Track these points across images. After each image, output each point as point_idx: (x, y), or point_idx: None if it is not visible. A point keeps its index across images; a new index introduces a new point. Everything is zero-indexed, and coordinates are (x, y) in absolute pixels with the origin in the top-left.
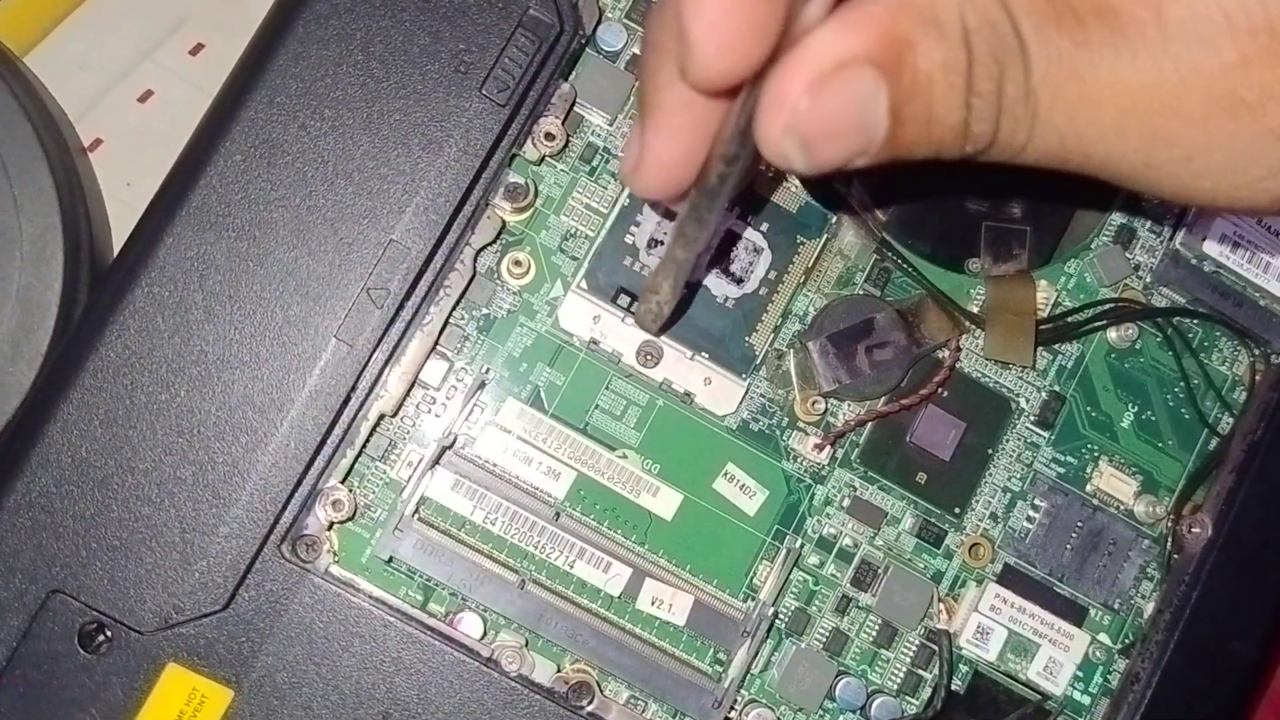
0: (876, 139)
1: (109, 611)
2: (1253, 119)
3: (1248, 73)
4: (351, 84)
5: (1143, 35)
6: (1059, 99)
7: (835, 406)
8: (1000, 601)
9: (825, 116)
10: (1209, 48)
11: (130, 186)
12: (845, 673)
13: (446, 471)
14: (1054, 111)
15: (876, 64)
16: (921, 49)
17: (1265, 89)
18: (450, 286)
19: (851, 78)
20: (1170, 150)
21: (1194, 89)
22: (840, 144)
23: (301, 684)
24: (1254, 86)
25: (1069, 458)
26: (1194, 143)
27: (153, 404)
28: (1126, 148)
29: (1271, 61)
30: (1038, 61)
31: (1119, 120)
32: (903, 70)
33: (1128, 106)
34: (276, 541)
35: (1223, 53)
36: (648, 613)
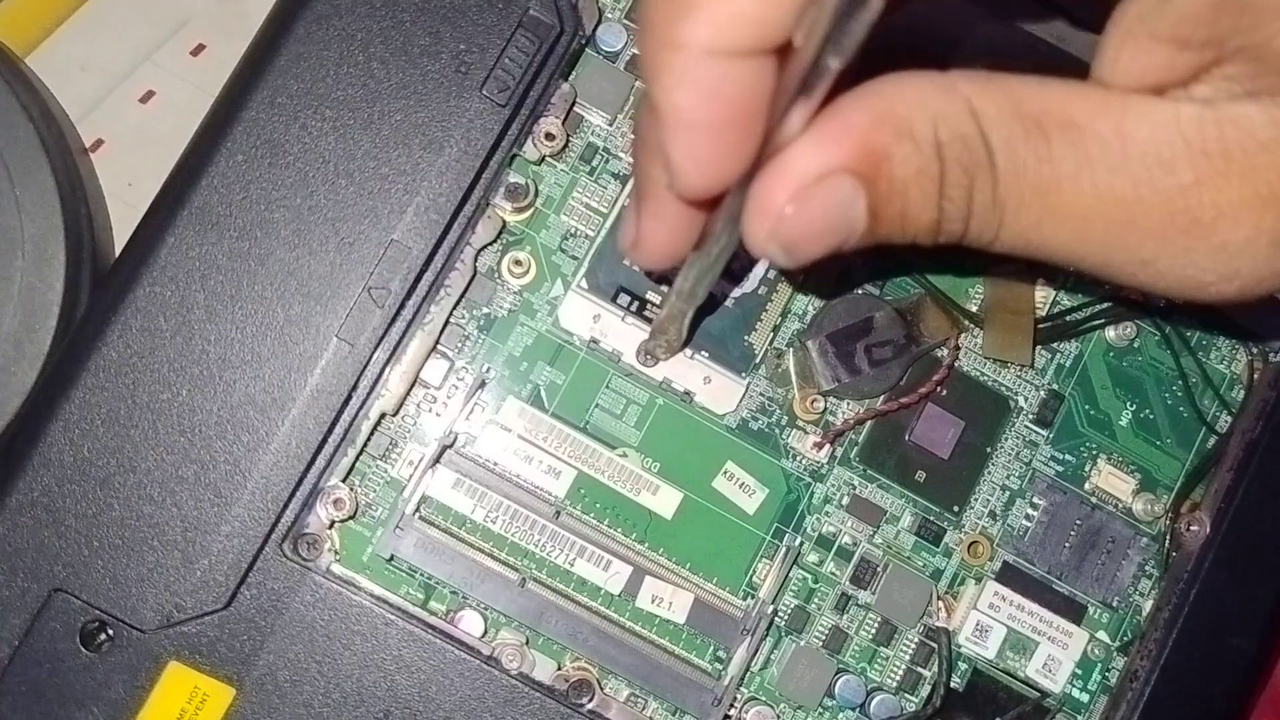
0: (855, 234)
1: (111, 610)
2: (1204, 235)
3: (1202, 193)
4: (352, 84)
5: (1104, 153)
6: (1023, 208)
7: (834, 405)
8: (999, 599)
9: (807, 223)
10: (1167, 169)
11: (132, 187)
12: (844, 670)
13: (447, 470)
14: (1018, 218)
15: (855, 174)
16: (897, 159)
17: (1217, 208)
18: (451, 286)
19: (832, 187)
20: (1127, 255)
21: (1151, 206)
22: (821, 243)
23: (303, 682)
24: (1207, 206)
25: (1067, 456)
26: (1149, 251)
27: (154, 403)
28: (1086, 250)
29: (1223, 184)
30: (1004, 174)
31: (1079, 228)
32: (879, 179)
33: (1088, 217)
34: (278, 540)
35: (1180, 174)
36: (648, 611)
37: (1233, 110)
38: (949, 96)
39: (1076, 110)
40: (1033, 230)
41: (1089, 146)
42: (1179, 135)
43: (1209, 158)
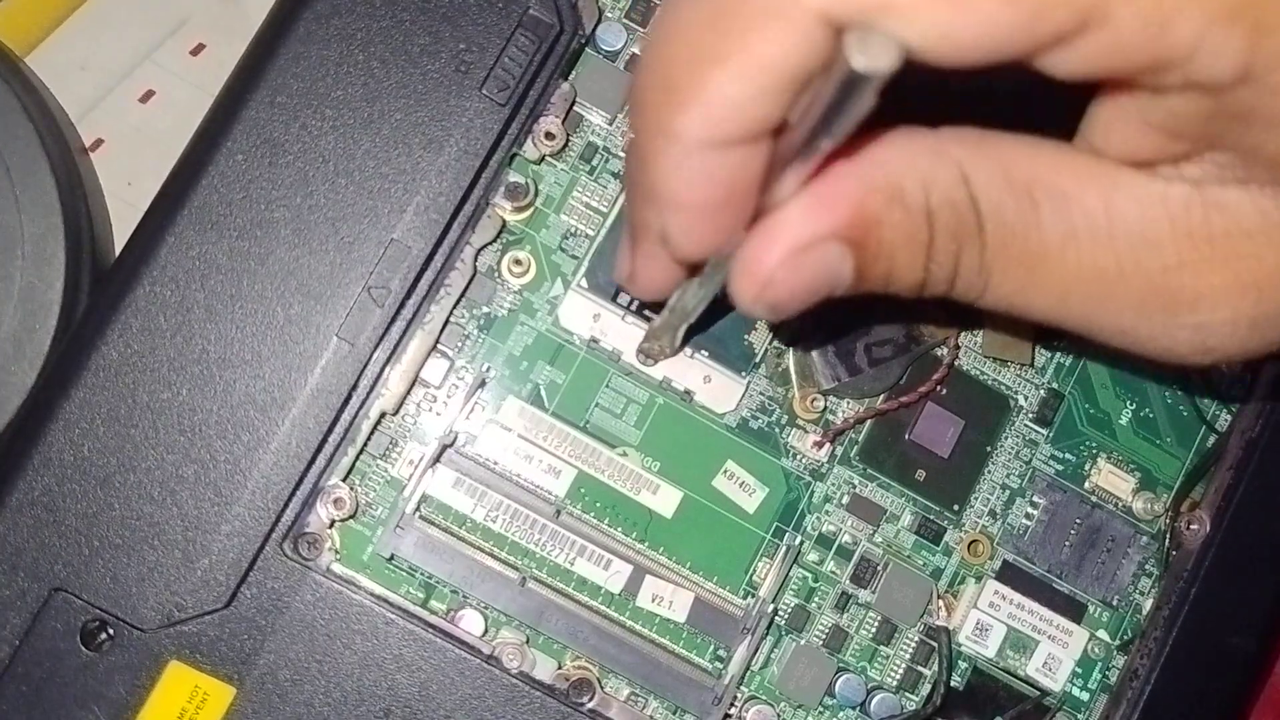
0: (840, 288)
1: (111, 609)
2: (1184, 313)
3: (1184, 275)
4: (352, 84)
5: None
6: (1008, 275)
7: (834, 404)
8: (999, 598)
9: (794, 285)
10: (1152, 248)
11: (131, 186)
12: (845, 669)
13: (447, 469)
14: (1003, 283)
15: (845, 239)
16: (887, 225)
17: (1198, 291)
18: (451, 285)
19: (822, 252)
20: (1107, 323)
21: (1133, 282)
22: (806, 300)
23: (303, 681)
24: (1188, 288)
25: (1067, 455)
26: (1128, 321)
27: (154, 403)
28: (1067, 315)
29: (1205, 268)
30: (992, 242)
31: (1062, 297)
32: (869, 243)
33: (1071, 287)
34: (278, 539)
35: (1164, 255)
36: (648, 610)
37: (1221, 195)
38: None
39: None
40: (1016, 295)
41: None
42: (1166, 215)
43: (1194, 241)
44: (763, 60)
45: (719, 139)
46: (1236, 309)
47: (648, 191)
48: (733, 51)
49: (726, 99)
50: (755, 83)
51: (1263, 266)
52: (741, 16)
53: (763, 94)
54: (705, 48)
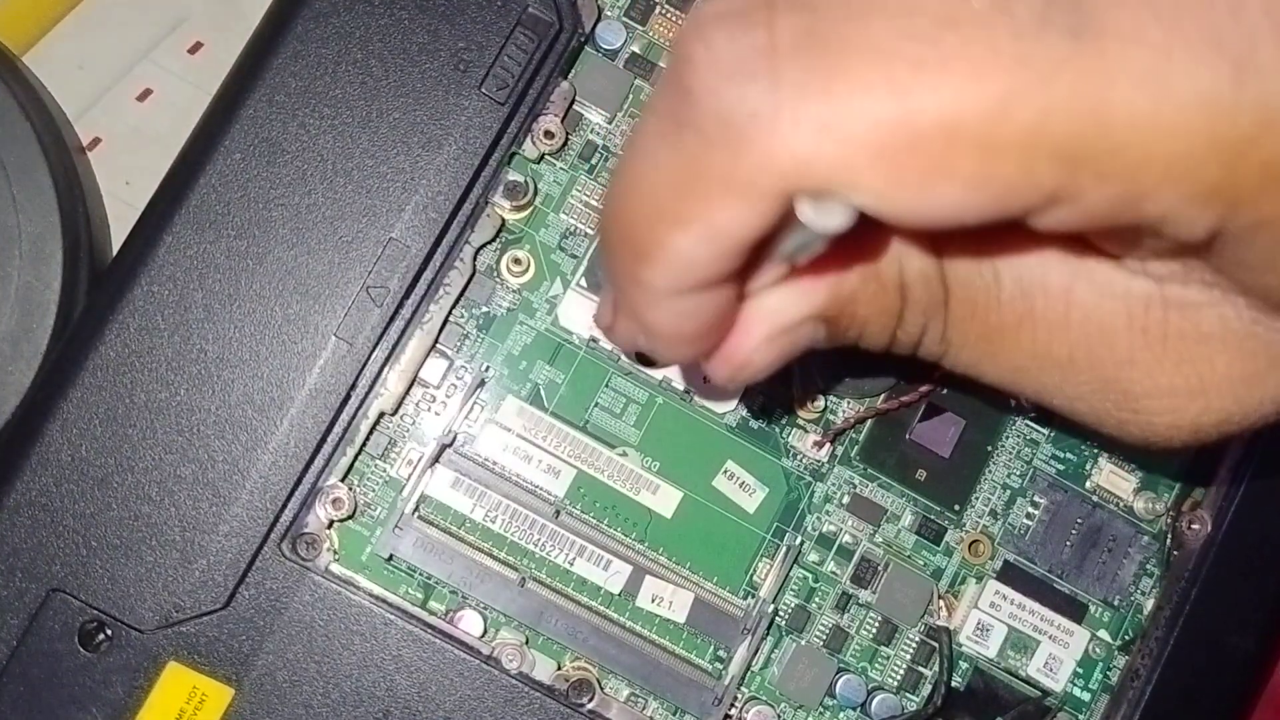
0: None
1: (109, 610)
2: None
3: (1134, 370)
4: (351, 82)
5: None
6: (965, 348)
7: (835, 404)
8: (1000, 598)
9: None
10: (1106, 342)
11: (129, 185)
12: (845, 670)
13: (446, 469)
14: (960, 354)
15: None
16: (861, 301)
17: (1144, 389)
18: (450, 285)
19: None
20: (1057, 401)
21: (1083, 370)
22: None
23: (302, 682)
24: (1136, 382)
25: (1068, 454)
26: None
27: (152, 403)
28: (1020, 389)
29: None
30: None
31: (1014, 372)
32: (841, 317)
33: (1024, 364)
34: (277, 540)
35: (1117, 349)
36: (648, 610)
37: (1183, 294)
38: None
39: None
40: (972, 366)
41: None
42: (1125, 310)
43: (1148, 339)
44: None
45: (683, 288)
46: (1182, 412)
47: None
48: (693, 218)
49: (687, 259)
50: (714, 246)
51: (1213, 372)
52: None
53: (722, 255)
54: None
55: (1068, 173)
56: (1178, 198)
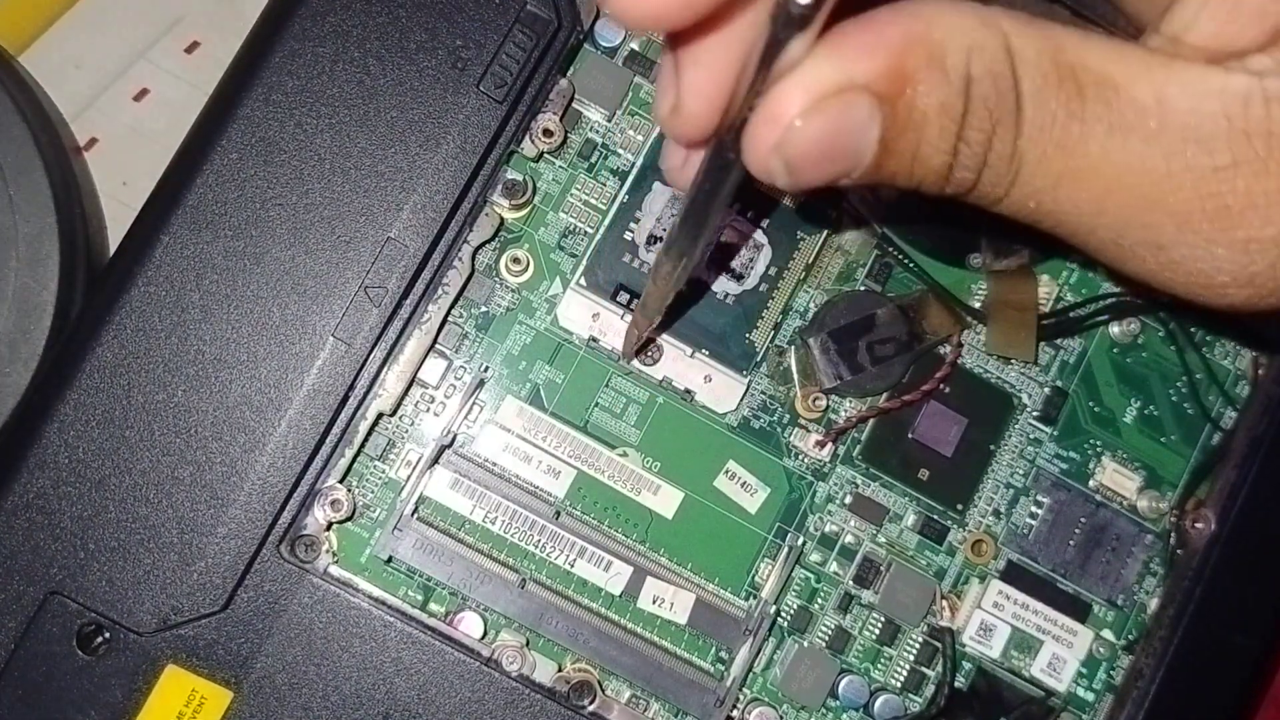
0: (861, 165)
1: (107, 613)
2: (1231, 224)
3: (1236, 178)
4: (348, 81)
5: (1140, 120)
6: (1042, 165)
7: (837, 403)
8: (1003, 598)
9: (816, 139)
10: (1204, 147)
11: (126, 186)
12: (848, 671)
13: (446, 470)
14: (1035, 176)
15: (877, 94)
16: (923, 88)
17: (1249, 197)
18: (448, 284)
19: (850, 104)
20: (1142, 236)
21: (1181, 184)
22: (826, 167)
23: (301, 684)
24: (1239, 193)
25: (1072, 453)
26: (1168, 235)
27: (150, 404)
28: (1099, 224)
29: (1260, 169)
30: (1030, 124)
31: (1098, 198)
32: (900, 105)
33: (1110, 187)
34: (275, 542)
35: (1217, 154)
36: (649, 611)
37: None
38: (989, 30)
39: (1118, 70)
40: (1047, 192)
41: (1125, 110)
42: (1222, 112)
43: (1250, 140)
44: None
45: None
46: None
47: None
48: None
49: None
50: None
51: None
52: None
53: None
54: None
55: None
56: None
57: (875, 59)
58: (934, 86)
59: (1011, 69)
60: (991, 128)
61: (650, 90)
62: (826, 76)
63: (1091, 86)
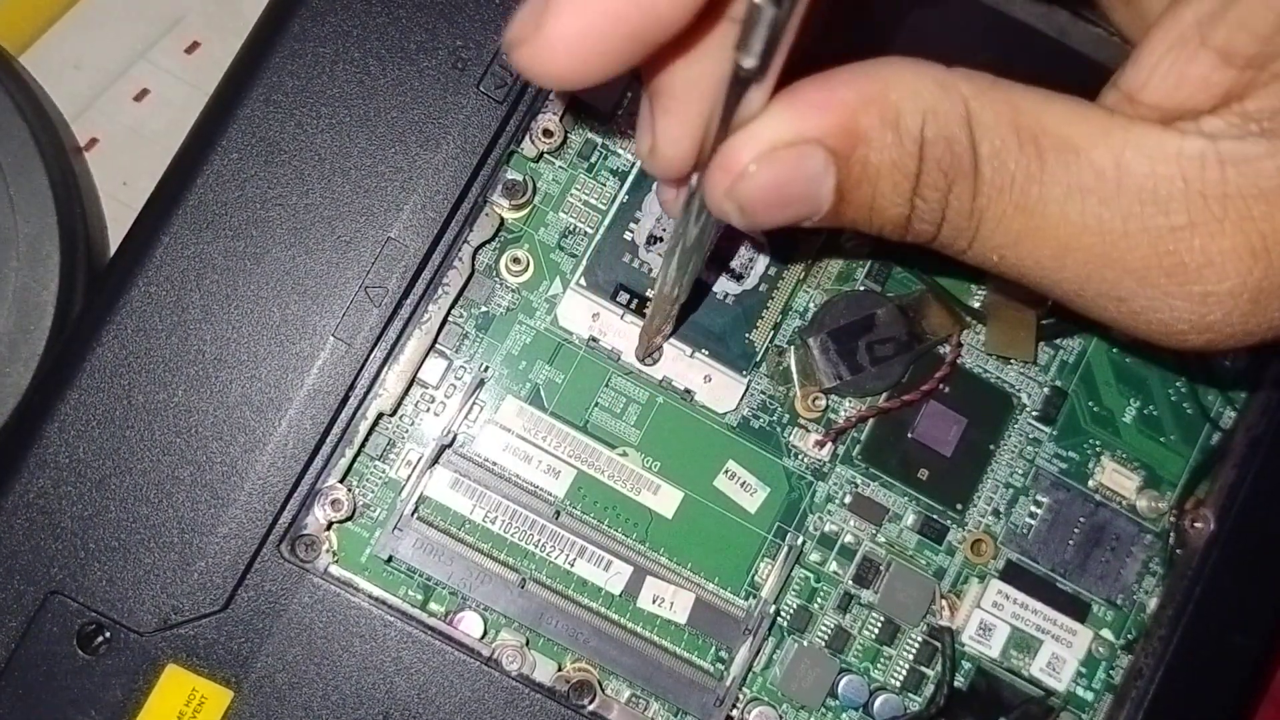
0: (820, 210)
1: (108, 612)
2: (1187, 280)
3: (1193, 237)
4: (348, 81)
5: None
6: (1001, 224)
7: (836, 403)
8: (1003, 598)
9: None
10: (1161, 208)
11: (127, 186)
12: (848, 670)
13: (446, 470)
14: (995, 232)
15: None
16: (875, 146)
17: (1205, 255)
18: (448, 284)
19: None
20: (1103, 289)
21: (1137, 243)
22: (782, 211)
23: (301, 684)
24: (1195, 251)
25: (1071, 453)
26: (1127, 289)
27: (150, 404)
28: (1061, 277)
29: (1216, 230)
30: (988, 185)
31: (1057, 255)
32: (853, 160)
33: (1069, 245)
34: (275, 541)
35: (1173, 215)
36: (649, 611)
37: (1240, 149)
38: (946, 94)
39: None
40: (1008, 248)
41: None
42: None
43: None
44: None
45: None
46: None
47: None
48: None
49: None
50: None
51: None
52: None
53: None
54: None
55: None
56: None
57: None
58: (886, 146)
59: (968, 133)
60: (947, 186)
61: None
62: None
63: (1051, 150)
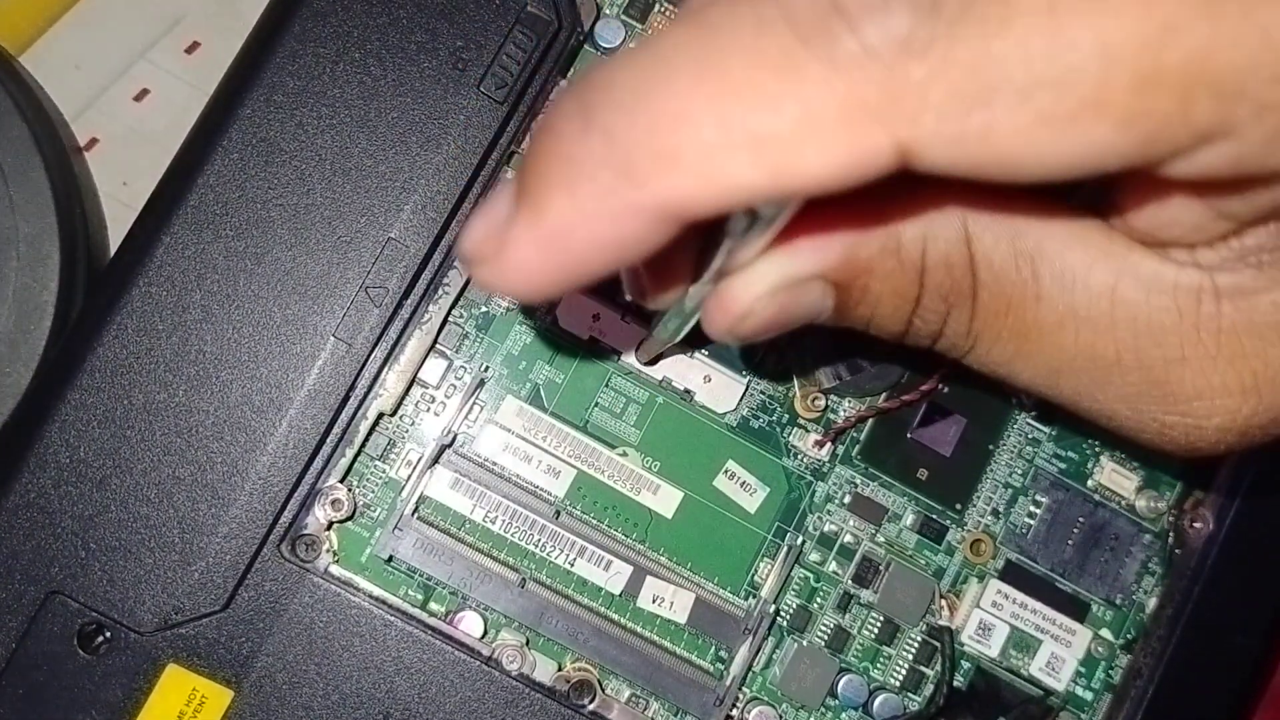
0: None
1: (108, 612)
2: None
3: (1184, 370)
4: (349, 81)
5: (1092, 310)
6: (996, 344)
7: (836, 403)
8: (1002, 598)
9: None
10: (1155, 340)
11: (127, 186)
12: (847, 670)
13: (446, 470)
14: (990, 352)
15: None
16: (876, 275)
17: (1196, 389)
18: (449, 284)
19: (802, 290)
20: (1094, 407)
21: (1129, 371)
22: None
23: (302, 684)
24: (1187, 384)
25: (1070, 453)
26: (1116, 410)
27: (151, 404)
28: (1056, 394)
29: (1209, 367)
30: (985, 309)
31: (1051, 374)
32: (854, 289)
33: (1062, 369)
34: (276, 541)
35: (1167, 348)
36: (649, 611)
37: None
38: (945, 217)
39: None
40: (1002, 365)
41: (1078, 300)
42: (1174, 306)
43: (1200, 336)
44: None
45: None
46: (1233, 414)
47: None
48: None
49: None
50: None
51: (1267, 367)
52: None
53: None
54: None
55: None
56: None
57: (828, 255)
58: (888, 274)
59: (968, 255)
60: (945, 310)
61: None
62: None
63: (1048, 275)
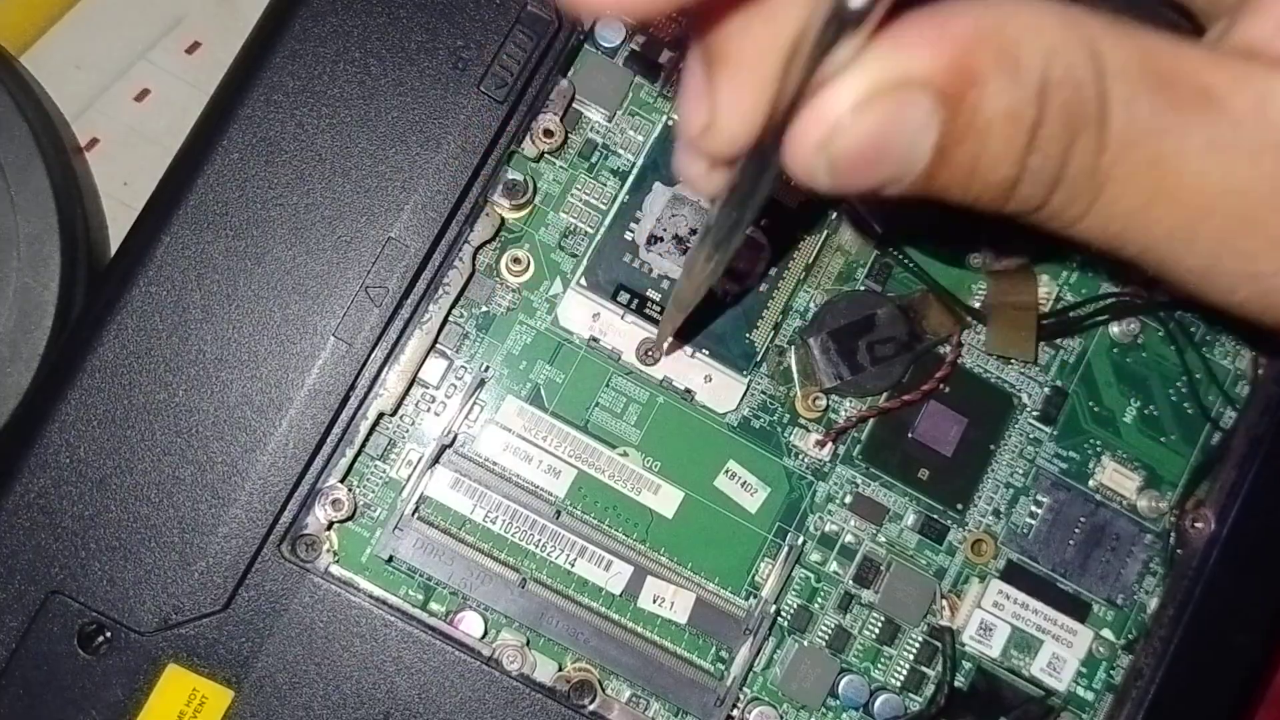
0: (912, 173)
1: (108, 612)
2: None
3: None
4: (349, 81)
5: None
6: (1130, 184)
7: (837, 403)
8: (1003, 598)
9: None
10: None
11: (127, 186)
12: (848, 670)
13: (446, 470)
14: (1121, 197)
15: (936, 93)
16: (990, 89)
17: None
18: (449, 284)
19: (906, 102)
20: (1237, 263)
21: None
22: (872, 172)
23: (302, 684)
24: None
25: (1071, 453)
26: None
27: (151, 404)
28: (1191, 250)
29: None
30: (1117, 139)
31: (1191, 221)
32: (962, 108)
33: (1206, 210)
34: (276, 541)
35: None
36: (649, 611)
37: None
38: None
39: (1217, 79)
40: (1134, 215)
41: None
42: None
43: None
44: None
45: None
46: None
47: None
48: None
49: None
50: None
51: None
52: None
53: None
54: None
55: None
56: None
57: (938, 53)
58: (1003, 89)
59: (1097, 75)
60: (1070, 140)
61: (650, 90)
62: (883, 71)
63: (1189, 97)
